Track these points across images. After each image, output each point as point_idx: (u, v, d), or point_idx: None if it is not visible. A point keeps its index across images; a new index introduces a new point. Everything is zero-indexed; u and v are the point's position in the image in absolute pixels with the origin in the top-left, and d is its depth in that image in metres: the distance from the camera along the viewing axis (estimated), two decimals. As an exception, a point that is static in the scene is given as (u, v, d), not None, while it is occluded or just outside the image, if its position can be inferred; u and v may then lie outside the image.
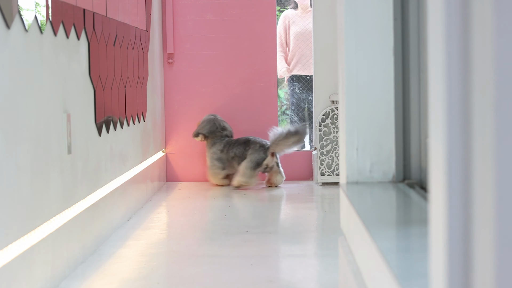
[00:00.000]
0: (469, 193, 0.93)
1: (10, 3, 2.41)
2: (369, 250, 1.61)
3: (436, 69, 0.98)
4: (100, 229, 3.48)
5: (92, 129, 3.43)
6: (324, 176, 5.37)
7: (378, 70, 2.24)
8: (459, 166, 0.94)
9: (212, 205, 4.66)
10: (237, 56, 5.64)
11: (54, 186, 2.83)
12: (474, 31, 0.90)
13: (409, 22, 2.21)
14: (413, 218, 1.81)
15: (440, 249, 0.97)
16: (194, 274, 2.99)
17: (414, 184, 2.18)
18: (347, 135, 2.27)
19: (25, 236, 2.50)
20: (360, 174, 2.26)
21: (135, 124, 4.44)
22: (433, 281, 1.03)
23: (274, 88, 5.69)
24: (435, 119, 0.99)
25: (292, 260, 3.21)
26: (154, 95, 5.22)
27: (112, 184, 3.79)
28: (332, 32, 5.35)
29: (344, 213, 2.25)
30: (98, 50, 3.53)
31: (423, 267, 1.24)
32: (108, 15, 3.78)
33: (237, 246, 3.53)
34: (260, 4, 5.64)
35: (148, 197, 4.83)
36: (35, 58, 2.66)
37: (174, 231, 3.95)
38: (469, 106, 0.92)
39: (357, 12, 2.23)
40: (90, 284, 2.88)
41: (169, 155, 5.68)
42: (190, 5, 5.63)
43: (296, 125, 5.24)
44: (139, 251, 3.40)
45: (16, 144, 2.43)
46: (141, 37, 4.69)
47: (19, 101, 2.48)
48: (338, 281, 2.66)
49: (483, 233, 0.88)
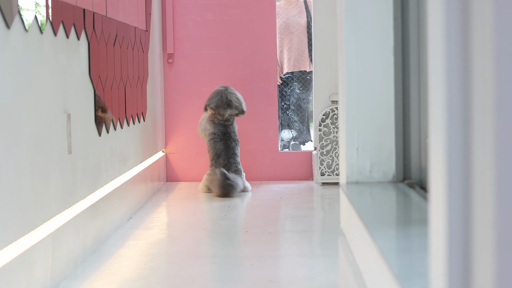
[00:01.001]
0: (469, 193, 0.93)
1: (10, 3, 2.41)
2: (369, 250, 1.61)
3: (436, 69, 0.98)
4: (100, 229, 3.48)
5: (92, 129, 3.43)
6: (324, 176, 5.37)
7: (378, 70, 2.24)
8: (459, 166, 0.94)
9: (212, 205, 4.66)
10: (237, 56, 5.64)
11: (54, 186, 2.83)
12: (474, 31, 0.90)
13: (409, 22, 2.21)
14: (413, 218, 1.81)
15: (440, 249, 0.97)
16: (194, 274, 2.99)
17: (414, 184, 2.18)
18: (347, 135, 2.27)
19: (25, 236, 2.50)
20: (360, 174, 2.26)
21: (135, 124, 4.44)
22: (433, 281, 1.03)
23: (274, 88, 5.68)
24: (435, 119, 0.99)
25: (292, 260, 3.21)
26: (154, 95, 5.22)
27: (112, 184, 3.79)
28: (332, 32, 5.35)
29: (344, 213, 2.25)
30: (98, 50, 3.53)
31: (423, 267, 1.24)
32: (108, 15, 3.78)
33: (237, 246, 3.53)
34: (260, 4, 5.64)
35: (148, 197, 4.84)
36: (35, 58, 2.66)
37: (174, 231, 3.95)
38: (469, 106, 0.92)
39: (357, 12, 2.23)
40: (90, 284, 2.88)
41: (169, 155, 5.68)
42: (190, 5, 5.63)
43: (223, 181, 4.93)
44: (139, 251, 3.40)
45: (16, 144, 2.43)
46: (141, 37, 4.69)
47: (19, 101, 2.48)
48: (338, 281, 2.67)
49: (483, 233, 0.88)
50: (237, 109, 5.18)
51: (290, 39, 6.35)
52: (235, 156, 5.09)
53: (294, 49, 6.41)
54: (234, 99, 5.18)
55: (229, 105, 5.16)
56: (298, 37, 6.44)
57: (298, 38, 6.44)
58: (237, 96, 5.22)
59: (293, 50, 6.40)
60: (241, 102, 5.23)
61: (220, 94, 5.19)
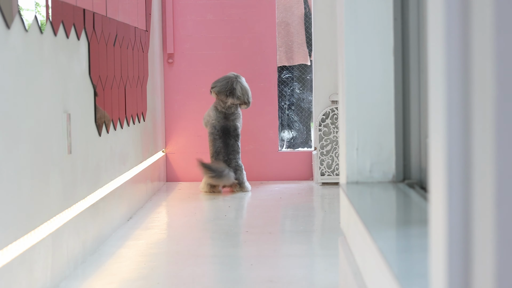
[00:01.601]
0: (469, 193, 0.93)
1: (10, 3, 2.41)
2: (369, 250, 1.61)
3: (436, 69, 0.98)
4: (100, 229, 3.48)
5: (92, 129, 3.43)
6: (324, 176, 5.37)
7: (378, 70, 2.24)
8: (459, 166, 0.94)
9: (212, 205, 4.66)
10: (237, 56, 5.64)
11: (54, 186, 2.83)
12: (474, 31, 0.90)
13: (409, 22, 2.21)
14: (413, 218, 1.81)
15: (440, 249, 0.97)
16: (194, 274, 2.99)
17: (414, 184, 2.18)
18: (347, 135, 2.27)
19: (25, 236, 2.50)
20: (360, 174, 2.26)
21: (135, 124, 4.44)
22: (433, 281, 1.03)
23: (274, 88, 5.69)
24: (435, 119, 0.99)
25: (292, 260, 3.21)
26: (154, 95, 5.22)
27: (112, 184, 3.79)
28: (332, 32, 5.35)
29: (344, 213, 2.25)
30: (98, 50, 3.53)
31: (423, 267, 1.24)
32: (108, 15, 3.78)
33: (237, 246, 3.53)
34: (260, 4, 5.64)
35: (148, 197, 4.83)
36: (35, 58, 2.66)
37: (174, 231, 3.95)
38: (469, 106, 0.92)
39: (357, 12, 2.23)
40: (90, 284, 2.88)
41: (169, 155, 5.68)
42: (190, 5, 5.63)
43: (220, 168, 4.94)
44: (139, 251, 3.40)
45: (16, 144, 2.43)
46: (141, 37, 4.69)
47: (19, 101, 2.48)
48: (338, 281, 2.67)
49: (483, 233, 0.88)
50: (239, 99, 5.08)
51: (286, 30, 6.21)
52: (235, 153, 5.08)
53: (291, 42, 6.26)
54: (239, 88, 5.06)
55: (231, 92, 5.05)
56: (295, 28, 6.26)
57: (296, 29, 6.26)
58: (243, 86, 5.10)
59: (290, 43, 6.24)
60: (246, 92, 5.10)
61: (227, 80, 5.09)
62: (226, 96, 5.07)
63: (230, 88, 5.06)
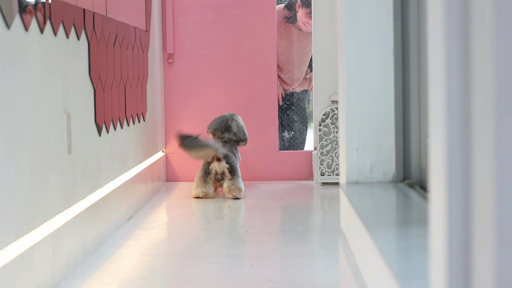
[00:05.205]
0: (469, 193, 0.93)
1: (10, 3, 2.41)
2: (369, 250, 1.61)
3: (436, 69, 0.98)
4: (100, 229, 3.48)
5: (92, 129, 3.43)
6: (324, 176, 5.37)
7: (378, 70, 2.24)
8: (459, 166, 0.94)
9: (212, 205, 4.66)
10: (237, 56, 5.64)
11: (54, 186, 2.83)
12: (474, 31, 0.90)
13: (409, 22, 2.21)
14: (413, 218, 1.81)
15: (440, 249, 0.97)
16: (194, 274, 2.99)
17: (414, 184, 2.18)
18: (347, 135, 2.27)
19: (25, 236, 2.50)
20: (360, 174, 2.26)
21: (135, 124, 4.44)
22: (433, 281, 1.03)
23: (274, 88, 5.68)
24: (435, 119, 0.99)
25: (292, 260, 3.21)
26: (154, 95, 5.22)
27: (112, 184, 3.79)
28: (332, 33, 5.34)
29: (344, 213, 2.25)
30: (98, 50, 3.53)
31: (423, 267, 1.24)
32: (108, 15, 3.78)
33: (237, 246, 3.53)
34: (260, 4, 5.64)
35: (148, 197, 4.83)
36: (35, 58, 2.66)
37: (174, 231, 3.95)
38: (469, 106, 0.92)
39: (357, 12, 2.23)
40: (90, 284, 2.88)
41: (169, 155, 5.68)
42: (190, 5, 5.63)
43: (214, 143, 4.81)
44: (139, 251, 3.40)
45: (16, 144, 2.43)
46: (141, 37, 4.69)
47: (19, 101, 2.48)
48: (338, 281, 2.67)
49: (483, 233, 0.88)
50: (236, 135, 5.05)
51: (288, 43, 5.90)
52: (231, 153, 4.95)
53: (296, 59, 5.93)
54: (234, 126, 5.05)
55: (227, 129, 5.05)
56: (300, 44, 5.93)
57: (300, 44, 5.92)
58: (238, 123, 5.09)
59: (296, 61, 5.92)
60: (242, 129, 5.07)
61: (222, 119, 5.09)
62: (222, 132, 5.05)
63: (225, 125, 5.05)
